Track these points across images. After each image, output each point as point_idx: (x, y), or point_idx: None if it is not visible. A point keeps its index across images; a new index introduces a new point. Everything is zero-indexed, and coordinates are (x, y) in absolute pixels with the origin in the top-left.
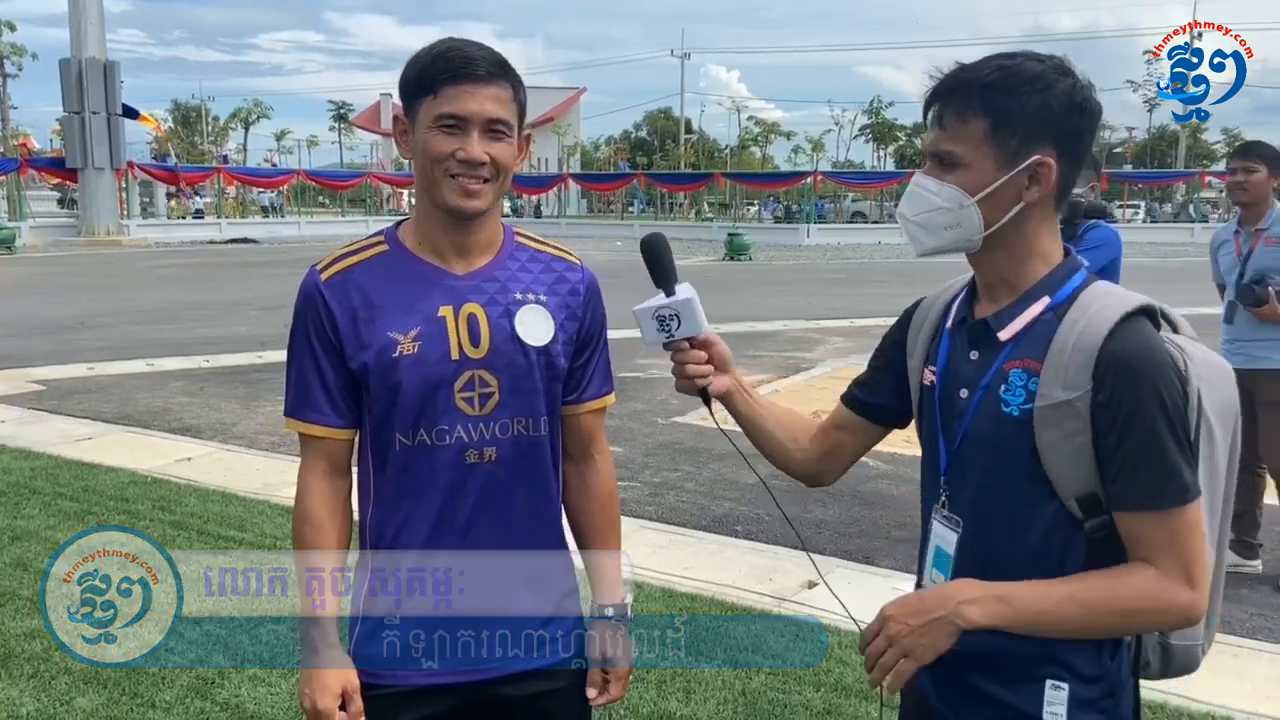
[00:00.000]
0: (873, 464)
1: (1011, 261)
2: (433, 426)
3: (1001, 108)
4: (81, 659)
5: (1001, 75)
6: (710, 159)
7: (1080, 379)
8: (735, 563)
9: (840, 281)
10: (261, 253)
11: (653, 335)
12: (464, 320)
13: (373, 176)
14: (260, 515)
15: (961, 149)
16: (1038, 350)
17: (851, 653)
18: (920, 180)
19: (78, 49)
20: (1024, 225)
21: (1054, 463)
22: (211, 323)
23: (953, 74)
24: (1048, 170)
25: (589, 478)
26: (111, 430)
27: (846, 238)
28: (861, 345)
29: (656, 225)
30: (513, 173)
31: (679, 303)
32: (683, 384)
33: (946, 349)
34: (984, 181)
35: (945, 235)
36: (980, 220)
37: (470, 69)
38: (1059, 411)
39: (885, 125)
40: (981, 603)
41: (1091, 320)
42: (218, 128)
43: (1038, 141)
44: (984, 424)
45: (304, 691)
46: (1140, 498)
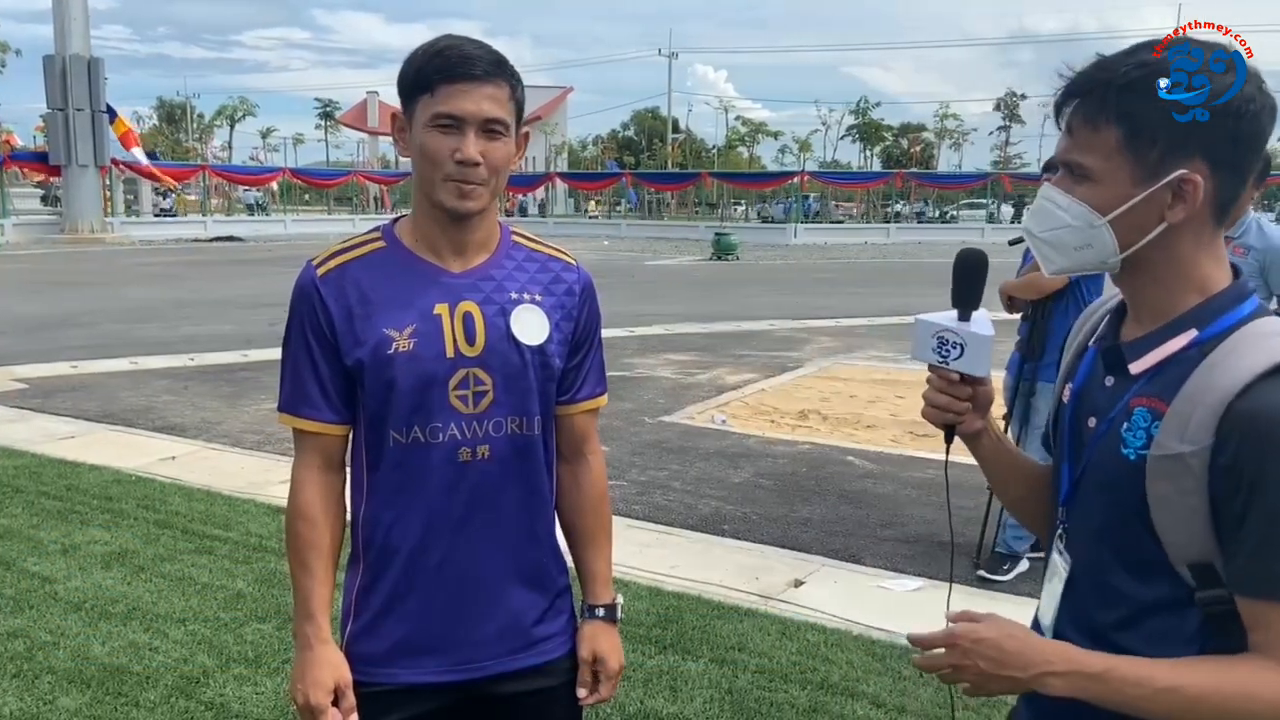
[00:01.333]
0: (859, 463)
1: (1158, 288)
2: (427, 424)
3: (1139, 113)
4: (65, 658)
5: (1143, 74)
6: (698, 159)
7: (1201, 433)
8: (722, 561)
9: (827, 281)
10: (247, 251)
11: (925, 352)
12: (460, 318)
13: (359, 175)
14: (245, 514)
15: (1092, 160)
16: (1169, 390)
17: (837, 650)
18: (1048, 193)
19: (62, 45)
20: (1172, 248)
21: (1165, 521)
22: (196, 321)
23: (1086, 71)
24: (1193, 187)
25: (581, 477)
26: (95, 429)
27: (833, 238)
28: (848, 345)
29: (644, 225)
30: (509, 171)
31: (973, 335)
32: (933, 413)
33: (1087, 368)
34: (1117, 199)
35: (1076, 256)
36: (1114, 242)
37: (467, 68)
38: (1172, 465)
39: (872, 126)
40: (1070, 679)
41: (1231, 367)
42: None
43: (1182, 153)
44: (1103, 461)
45: (296, 687)
46: (1262, 583)
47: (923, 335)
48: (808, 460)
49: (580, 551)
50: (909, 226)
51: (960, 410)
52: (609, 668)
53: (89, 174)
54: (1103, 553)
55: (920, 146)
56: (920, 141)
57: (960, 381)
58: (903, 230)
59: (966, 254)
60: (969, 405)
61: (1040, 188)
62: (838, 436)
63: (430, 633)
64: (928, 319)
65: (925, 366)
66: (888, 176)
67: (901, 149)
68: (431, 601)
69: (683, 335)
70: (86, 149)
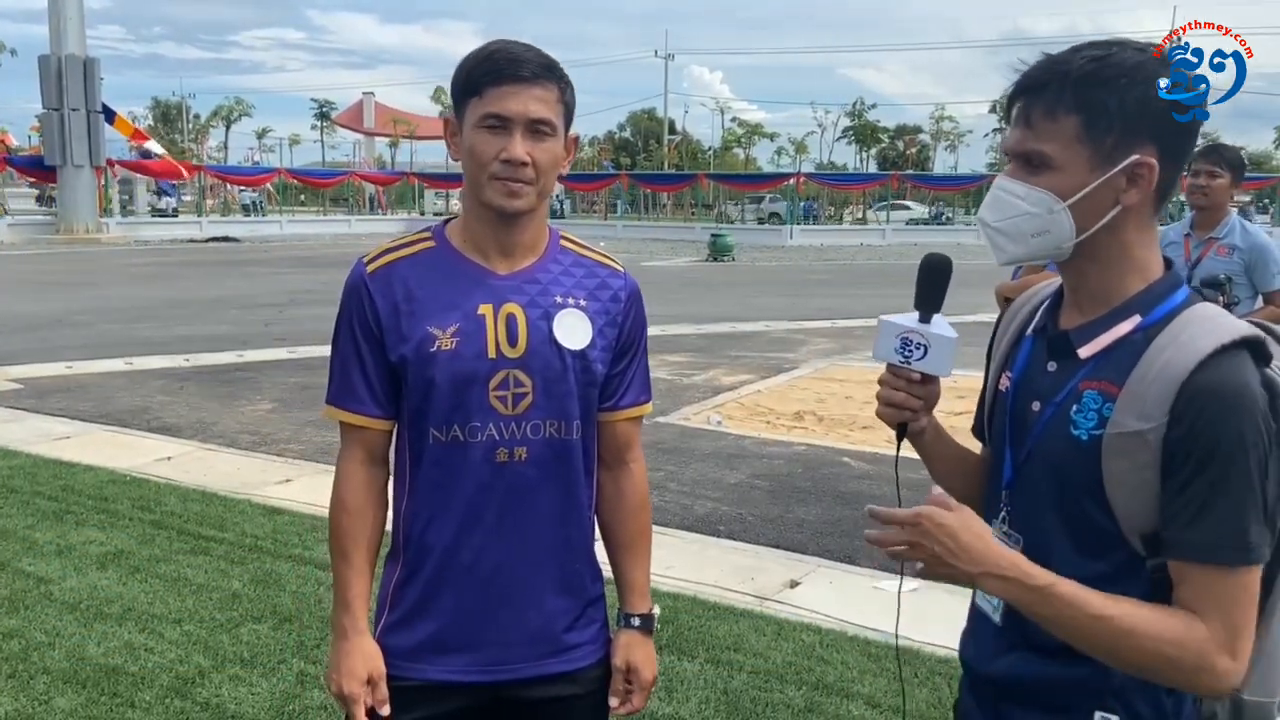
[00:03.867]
0: (854, 464)
1: (1104, 272)
2: (466, 423)
3: (1097, 103)
4: (61, 659)
5: (1097, 67)
6: (694, 160)
7: (1157, 410)
8: (717, 562)
9: (822, 283)
10: (243, 251)
11: (887, 352)
12: (503, 319)
13: (355, 175)
14: (240, 514)
15: (1051, 148)
16: (1118, 373)
17: (833, 651)
18: (1004, 184)
19: (57, 45)
20: (1120, 232)
21: (1119, 495)
22: (192, 321)
23: (1040, 66)
24: (1149, 170)
25: (623, 484)
26: (90, 429)
27: (829, 239)
28: (843, 346)
29: (640, 226)
30: (558, 173)
31: (938, 338)
32: (887, 411)
33: (1026, 356)
34: (1077, 184)
35: (1032, 243)
36: (1072, 226)
37: (514, 69)
38: (1130, 442)
39: (868, 127)
40: (1010, 585)
41: (1181, 348)
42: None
43: (1136, 139)
44: (1052, 443)
45: (331, 676)
46: (1195, 547)
47: (886, 335)
48: (803, 461)
49: (618, 559)
50: (905, 228)
51: (915, 408)
52: (643, 678)
53: (84, 174)
54: (1051, 530)
55: (916, 148)
56: (916, 143)
57: (920, 381)
58: (899, 232)
59: (932, 258)
60: (923, 403)
61: (995, 180)
62: (833, 437)
63: (460, 631)
64: (891, 320)
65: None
66: (884, 178)
67: (898, 150)
68: (462, 600)
69: (679, 336)
70: (82, 149)
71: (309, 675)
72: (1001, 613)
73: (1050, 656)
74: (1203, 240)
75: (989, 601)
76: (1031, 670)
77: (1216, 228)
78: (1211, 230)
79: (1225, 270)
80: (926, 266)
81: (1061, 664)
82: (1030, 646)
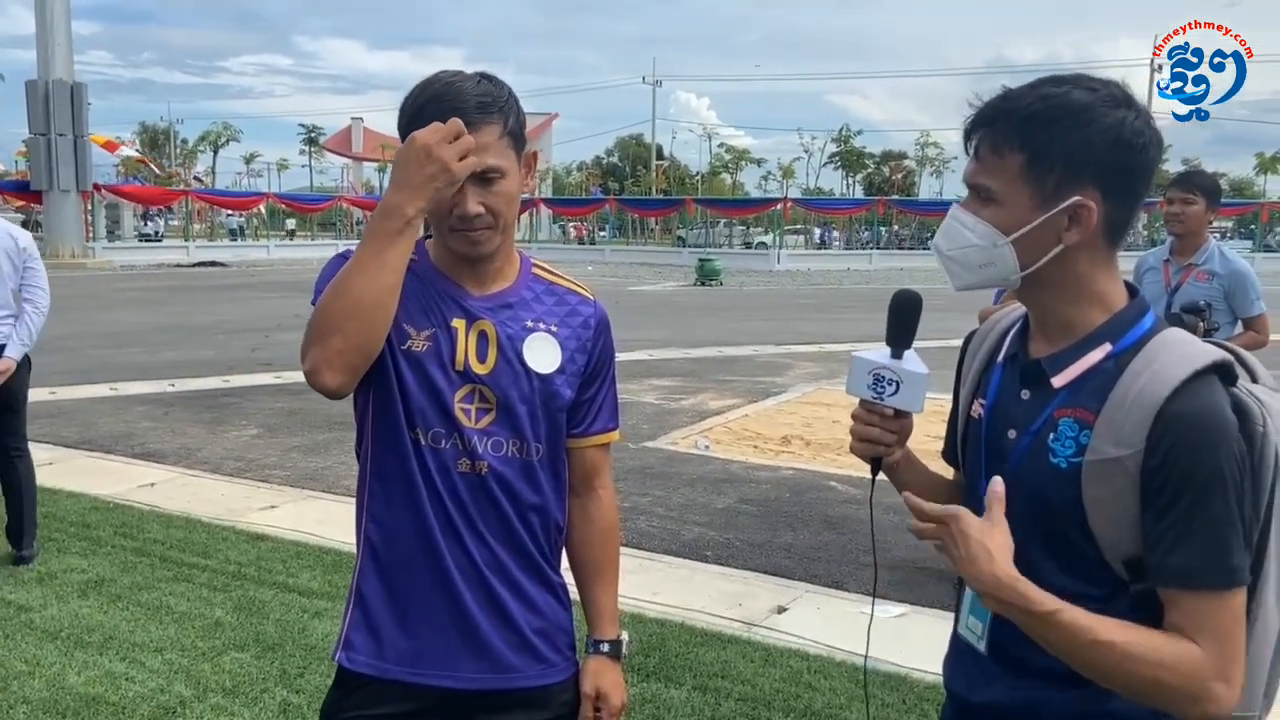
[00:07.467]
0: (841, 488)
1: (1062, 304)
2: (429, 428)
3: (1039, 143)
4: (41, 688)
5: (1044, 107)
6: (681, 185)
7: (1134, 438)
8: (704, 588)
9: (810, 307)
10: (229, 276)
11: (860, 388)
12: (475, 335)
13: (343, 199)
14: (224, 541)
15: (996, 184)
16: (1093, 401)
17: (820, 677)
18: (956, 214)
19: (45, 70)
20: (1071, 266)
21: (1100, 520)
22: (178, 346)
23: (993, 102)
24: (1088, 213)
25: (591, 510)
26: (73, 455)
27: (816, 264)
28: (830, 370)
29: (628, 250)
30: (519, 199)
31: (910, 374)
32: (862, 447)
33: (998, 384)
34: (1018, 221)
35: (980, 273)
36: (1015, 261)
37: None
38: (1109, 468)
39: (854, 153)
40: (1013, 611)
41: (1155, 375)
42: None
43: (1078, 180)
44: (1031, 471)
45: (411, 148)
46: (1179, 573)
47: (858, 372)
48: (791, 486)
49: (587, 585)
50: (892, 253)
51: (889, 443)
52: (611, 704)
53: (70, 199)
54: (1034, 556)
55: (902, 174)
56: (902, 169)
57: (894, 416)
58: (885, 257)
59: (903, 295)
60: (896, 437)
61: (951, 208)
62: (820, 462)
63: (420, 637)
64: (863, 356)
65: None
66: (870, 203)
67: (884, 176)
68: (423, 608)
69: (666, 361)
70: (69, 174)
71: (292, 705)
72: (987, 643)
73: (1041, 684)
74: (1182, 266)
75: (972, 632)
76: (1020, 697)
77: (1195, 253)
78: (1191, 256)
79: (1205, 296)
80: (897, 303)
81: (1054, 690)
82: (1019, 674)
